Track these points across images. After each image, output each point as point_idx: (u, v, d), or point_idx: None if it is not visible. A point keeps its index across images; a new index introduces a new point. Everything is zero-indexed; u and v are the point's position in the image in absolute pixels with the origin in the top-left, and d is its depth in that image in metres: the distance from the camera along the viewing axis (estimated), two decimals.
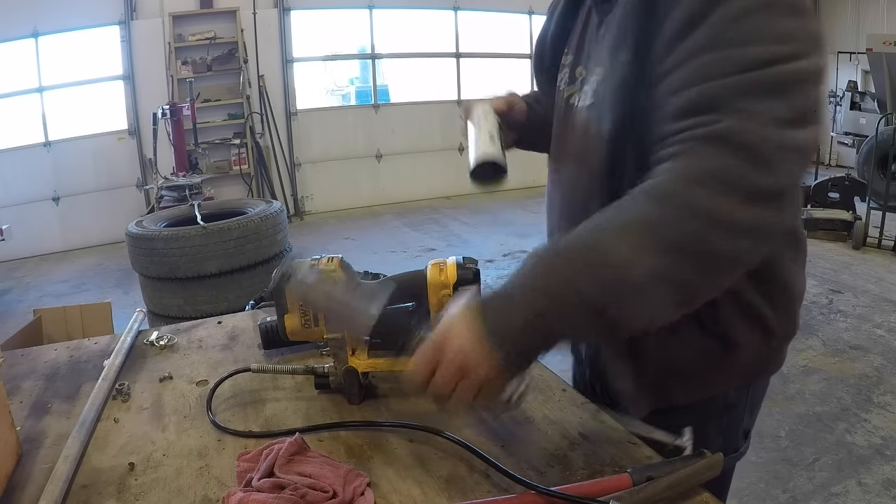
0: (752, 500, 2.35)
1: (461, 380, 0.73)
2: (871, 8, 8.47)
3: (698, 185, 0.65)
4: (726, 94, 0.66)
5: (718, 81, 0.67)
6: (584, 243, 0.70)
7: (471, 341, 0.71)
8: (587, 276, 0.67)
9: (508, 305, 0.72)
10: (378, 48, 8.06)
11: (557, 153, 1.07)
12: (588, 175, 0.91)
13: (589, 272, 0.68)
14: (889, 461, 2.53)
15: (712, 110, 0.66)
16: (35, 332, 2.91)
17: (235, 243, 3.82)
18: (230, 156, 7.36)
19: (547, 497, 0.73)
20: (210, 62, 7.07)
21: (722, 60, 0.67)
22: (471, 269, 0.97)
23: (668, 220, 0.66)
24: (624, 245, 0.66)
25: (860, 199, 5.92)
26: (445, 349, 0.73)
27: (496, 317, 0.72)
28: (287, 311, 0.99)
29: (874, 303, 4.26)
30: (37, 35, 6.44)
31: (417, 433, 0.91)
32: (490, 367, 0.71)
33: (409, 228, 7.00)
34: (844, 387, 3.14)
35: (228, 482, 0.82)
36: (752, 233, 0.66)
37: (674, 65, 0.71)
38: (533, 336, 0.71)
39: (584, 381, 1.11)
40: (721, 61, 0.67)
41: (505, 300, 0.72)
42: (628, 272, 0.66)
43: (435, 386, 0.75)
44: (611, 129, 0.83)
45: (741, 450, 1.03)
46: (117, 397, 1.07)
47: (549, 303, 0.68)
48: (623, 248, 0.66)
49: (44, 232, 6.69)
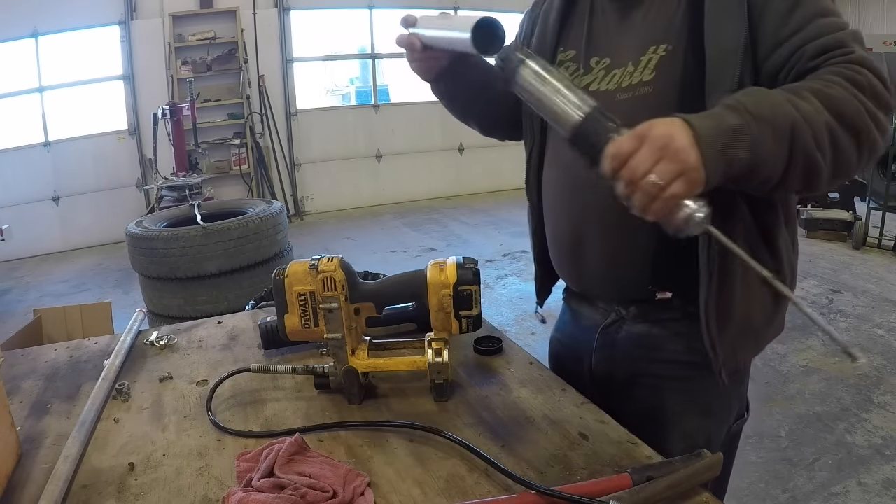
0: (752, 500, 2.35)
1: (661, 160, 0.72)
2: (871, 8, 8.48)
3: (855, 86, 0.82)
4: (846, 40, 0.86)
5: (839, 34, 0.87)
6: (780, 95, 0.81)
7: (679, 128, 0.74)
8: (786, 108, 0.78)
9: (717, 114, 0.78)
10: (378, 48, 8.06)
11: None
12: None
13: (788, 107, 0.79)
14: (889, 461, 2.53)
15: (842, 46, 0.85)
16: (35, 332, 2.91)
17: (235, 243, 3.81)
18: (230, 156, 7.36)
19: (547, 497, 0.73)
20: (210, 62, 7.08)
21: (830, 24, 0.87)
22: (471, 269, 0.97)
23: (840, 95, 0.81)
24: (806, 103, 0.79)
25: (860, 199, 5.93)
26: (650, 133, 0.73)
27: (704, 121, 0.76)
28: (287, 311, 0.99)
29: (874, 303, 4.26)
30: (37, 35, 6.44)
31: (417, 433, 0.91)
32: (693, 156, 0.72)
33: (409, 228, 7.00)
34: (844, 387, 3.14)
35: (228, 482, 0.82)
36: (885, 129, 0.84)
37: (796, 28, 0.88)
38: (736, 140, 0.76)
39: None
40: (830, 24, 0.87)
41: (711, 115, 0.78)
42: (815, 118, 0.79)
43: (632, 166, 0.73)
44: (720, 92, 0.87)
45: (746, 416, 1.13)
46: (117, 397, 1.07)
47: (753, 118, 0.77)
48: (805, 104, 0.79)
49: (44, 232, 6.69)
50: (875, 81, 0.82)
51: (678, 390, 1.07)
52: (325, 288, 0.96)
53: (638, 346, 1.09)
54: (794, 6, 0.88)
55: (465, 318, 0.97)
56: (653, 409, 1.07)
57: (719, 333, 0.97)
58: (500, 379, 1.07)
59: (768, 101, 0.79)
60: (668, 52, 0.96)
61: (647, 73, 0.97)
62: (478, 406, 0.99)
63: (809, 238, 5.69)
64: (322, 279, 0.96)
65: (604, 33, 1.05)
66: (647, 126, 0.74)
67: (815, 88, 0.81)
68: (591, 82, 1.04)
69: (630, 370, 1.10)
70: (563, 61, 1.09)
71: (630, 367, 1.10)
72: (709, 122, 0.76)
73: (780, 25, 0.88)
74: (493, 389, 1.04)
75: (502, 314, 4.26)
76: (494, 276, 5.03)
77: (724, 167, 0.75)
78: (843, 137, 0.80)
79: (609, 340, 1.12)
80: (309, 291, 0.97)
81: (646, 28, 0.99)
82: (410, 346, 1.05)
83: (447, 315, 0.97)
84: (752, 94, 0.82)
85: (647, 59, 0.97)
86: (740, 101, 0.78)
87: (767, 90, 0.83)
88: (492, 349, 1.17)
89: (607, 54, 1.03)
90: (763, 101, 0.79)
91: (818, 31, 0.87)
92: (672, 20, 0.97)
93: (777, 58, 0.89)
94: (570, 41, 1.09)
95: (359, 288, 0.99)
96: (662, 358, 1.07)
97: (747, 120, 0.76)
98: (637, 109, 0.95)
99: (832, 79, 0.82)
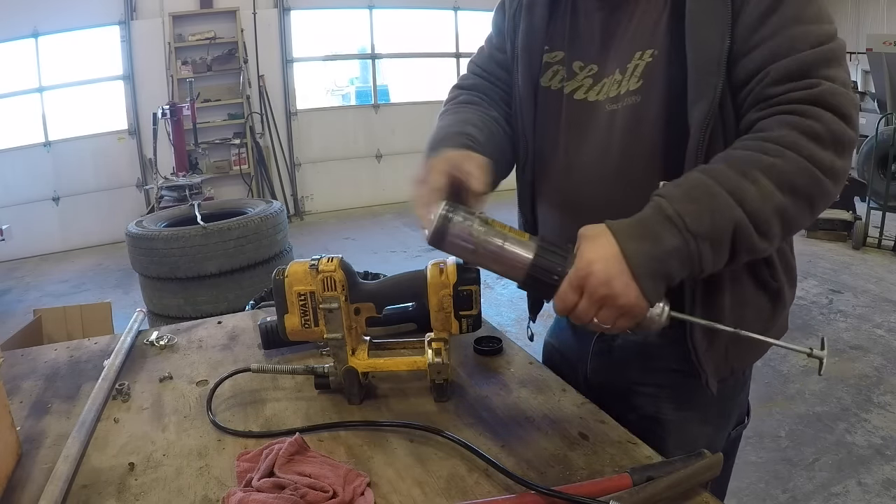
0: (752, 500, 2.35)
1: (602, 308, 0.77)
2: (871, 8, 8.48)
3: (813, 140, 0.78)
4: (814, 63, 0.80)
5: (807, 53, 0.81)
6: (720, 186, 0.78)
7: (614, 267, 0.76)
8: (729, 209, 0.77)
9: (654, 232, 0.77)
10: (378, 48, 8.07)
11: (568, 149, 1.03)
12: (642, 156, 0.94)
13: (730, 205, 0.77)
14: (889, 461, 2.53)
15: (805, 76, 0.80)
16: (35, 332, 2.91)
17: (235, 243, 3.81)
18: (230, 156, 7.37)
19: (547, 497, 0.73)
20: (210, 62, 7.08)
21: (805, 34, 0.81)
22: (471, 269, 0.97)
23: (792, 168, 0.78)
24: (755, 188, 0.77)
25: (860, 198, 5.92)
26: (588, 282, 0.76)
27: (640, 244, 0.76)
28: (287, 311, 0.99)
29: (874, 303, 4.26)
30: (37, 35, 6.44)
31: (417, 433, 0.91)
32: (632, 295, 0.76)
33: (409, 228, 6.99)
34: (844, 387, 3.14)
35: (228, 482, 0.82)
36: (842, 176, 0.81)
37: (767, 35, 0.82)
38: (675, 262, 0.77)
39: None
40: (805, 35, 0.81)
41: (646, 231, 0.77)
42: (762, 209, 0.77)
43: (578, 315, 0.78)
44: (703, 103, 0.86)
45: (746, 421, 1.13)
46: (117, 397, 1.07)
47: (693, 236, 0.76)
48: (754, 190, 0.77)
49: (44, 232, 6.70)
50: (836, 124, 0.78)
51: (676, 398, 1.05)
52: (325, 288, 0.96)
53: (634, 355, 1.07)
54: (772, 8, 0.83)
55: (465, 318, 0.97)
56: (650, 417, 1.05)
57: (709, 346, 0.96)
58: (500, 379, 1.07)
59: (709, 204, 0.77)
60: (654, 57, 0.92)
61: (633, 82, 0.93)
62: (478, 406, 0.99)
63: (809, 238, 5.69)
64: (322, 279, 0.96)
65: (588, 36, 0.99)
66: (584, 268, 0.76)
67: (766, 165, 0.77)
68: (576, 89, 1.00)
69: (627, 378, 1.08)
70: (551, 63, 1.03)
71: (626, 376, 1.08)
72: (646, 248, 0.76)
73: (752, 30, 0.83)
74: (493, 389, 1.04)
75: (502, 314, 4.26)
76: (494, 276, 5.01)
77: (663, 287, 0.78)
78: (795, 210, 0.79)
79: (605, 348, 1.10)
80: (309, 291, 0.97)
81: (631, 32, 0.94)
82: (410, 346, 1.05)
83: (447, 315, 0.97)
84: (694, 191, 0.78)
85: (634, 66, 0.93)
86: (678, 213, 0.76)
87: (711, 177, 0.78)
88: (492, 349, 1.17)
89: (594, 61, 0.98)
90: (703, 208, 0.76)
91: (789, 44, 0.81)
92: (657, 23, 0.92)
93: (742, 70, 0.85)
94: (556, 41, 1.03)
95: (359, 288, 0.99)
96: (659, 367, 1.05)
97: (686, 239, 0.76)
98: (626, 121, 0.94)
99: (786, 138, 0.78)
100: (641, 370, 1.07)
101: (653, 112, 0.92)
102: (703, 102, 0.86)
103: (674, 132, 0.90)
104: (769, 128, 0.80)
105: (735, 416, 1.10)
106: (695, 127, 0.87)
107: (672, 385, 1.05)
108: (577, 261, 0.77)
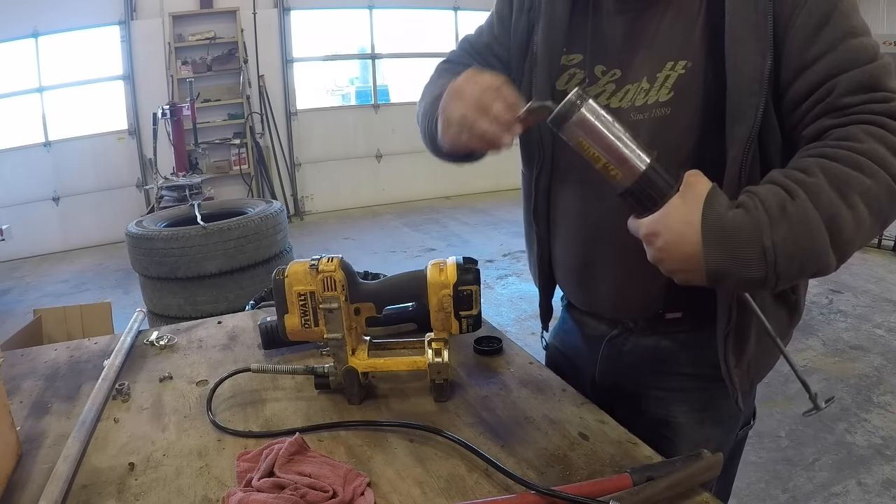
0: (752, 500, 2.35)
1: (664, 260, 0.79)
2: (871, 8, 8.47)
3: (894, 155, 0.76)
4: (880, 76, 0.79)
5: (871, 66, 0.79)
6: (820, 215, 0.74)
7: (684, 259, 0.77)
8: (820, 259, 0.75)
9: (739, 259, 0.75)
10: (378, 48, 8.07)
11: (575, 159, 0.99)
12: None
13: (824, 256, 0.75)
14: (889, 461, 2.53)
15: (876, 89, 0.78)
16: (35, 332, 2.91)
17: (235, 243, 3.81)
18: (230, 156, 7.36)
19: (547, 497, 0.73)
20: (210, 62, 7.07)
21: (863, 47, 0.80)
22: (471, 269, 0.97)
23: (882, 191, 0.75)
24: (851, 215, 0.74)
25: None
26: (662, 233, 0.77)
27: (720, 261, 0.75)
28: (287, 311, 0.99)
29: (874, 303, 4.26)
30: (37, 35, 6.44)
31: (417, 433, 0.91)
32: (686, 278, 0.79)
33: (409, 228, 7.00)
34: (844, 387, 3.14)
35: (228, 482, 0.82)
36: None
37: (826, 48, 0.80)
38: (743, 287, 0.79)
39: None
40: (863, 47, 0.80)
41: (734, 248, 0.74)
42: (851, 243, 0.76)
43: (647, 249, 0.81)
44: (744, 124, 0.84)
45: (752, 422, 1.13)
46: (117, 397, 1.07)
47: (777, 277, 0.75)
48: (850, 218, 0.74)
49: (44, 232, 6.69)
50: None
51: (688, 401, 1.04)
52: (325, 288, 0.96)
53: (646, 358, 1.06)
54: (822, 23, 0.80)
55: (465, 318, 0.97)
56: (660, 420, 1.05)
57: (736, 362, 0.96)
58: (500, 379, 1.07)
59: (807, 247, 0.74)
60: (687, 69, 0.88)
61: (663, 93, 0.89)
62: (478, 406, 0.99)
63: None
64: (322, 279, 0.96)
65: (611, 39, 0.94)
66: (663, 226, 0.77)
67: (864, 188, 0.74)
68: (597, 95, 0.95)
69: (637, 382, 1.07)
70: (567, 66, 0.99)
71: (637, 379, 1.07)
72: (727, 266, 0.75)
73: (806, 45, 0.80)
74: (493, 389, 1.04)
75: (502, 314, 4.26)
76: (494, 276, 5.03)
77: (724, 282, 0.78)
78: (872, 234, 0.77)
79: (615, 352, 1.09)
80: (309, 291, 0.97)
81: (661, 39, 0.90)
82: (410, 346, 1.05)
83: (447, 315, 0.97)
84: (798, 226, 0.73)
85: (665, 77, 0.89)
86: (774, 249, 0.73)
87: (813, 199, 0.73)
88: (492, 349, 1.17)
89: (617, 65, 0.94)
90: (798, 250, 0.73)
91: (850, 56, 0.79)
92: (691, 33, 0.88)
93: (803, 84, 0.81)
94: (576, 43, 0.98)
95: (359, 288, 0.99)
96: (671, 370, 1.04)
97: (769, 275, 0.74)
98: (653, 133, 0.90)
99: (876, 152, 0.75)
100: (653, 374, 1.06)
101: (682, 124, 0.90)
102: (745, 123, 0.83)
103: (704, 147, 0.88)
104: (855, 138, 0.76)
105: (743, 417, 1.09)
106: (736, 148, 0.84)
107: (684, 389, 1.04)
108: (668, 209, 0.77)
